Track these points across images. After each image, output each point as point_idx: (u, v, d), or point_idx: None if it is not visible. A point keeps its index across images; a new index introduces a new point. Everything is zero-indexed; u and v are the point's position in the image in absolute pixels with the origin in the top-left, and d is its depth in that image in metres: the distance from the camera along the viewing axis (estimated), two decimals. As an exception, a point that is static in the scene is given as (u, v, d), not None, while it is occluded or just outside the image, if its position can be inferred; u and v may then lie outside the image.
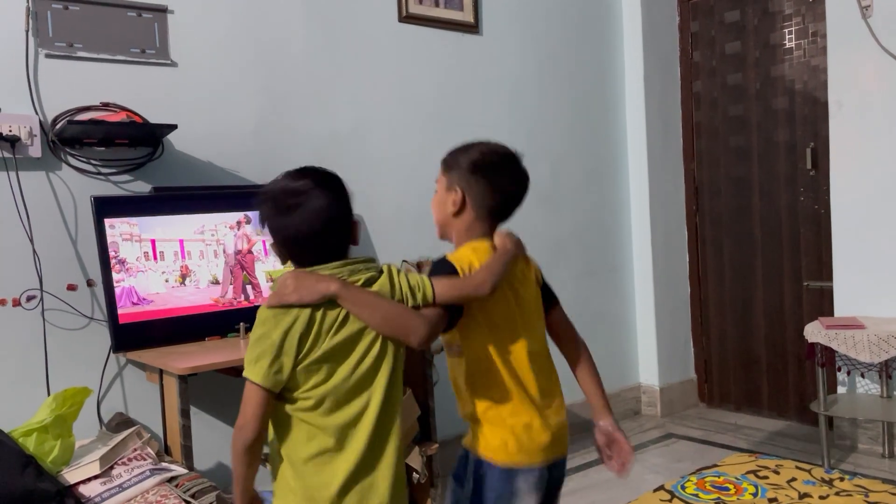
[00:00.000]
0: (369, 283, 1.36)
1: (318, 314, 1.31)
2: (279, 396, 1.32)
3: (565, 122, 3.64)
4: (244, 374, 1.31)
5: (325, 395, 1.32)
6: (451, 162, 1.60)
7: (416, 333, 1.34)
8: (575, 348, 1.63)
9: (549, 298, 1.62)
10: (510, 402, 1.47)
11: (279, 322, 1.30)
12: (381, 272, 1.39)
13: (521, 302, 1.53)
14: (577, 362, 1.63)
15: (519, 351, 1.50)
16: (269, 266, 2.59)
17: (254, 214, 2.58)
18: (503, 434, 1.46)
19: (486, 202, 1.54)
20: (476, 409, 1.48)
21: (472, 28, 3.32)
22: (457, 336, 1.49)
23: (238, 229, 2.54)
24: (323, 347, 1.31)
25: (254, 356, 1.30)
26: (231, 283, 2.50)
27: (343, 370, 1.33)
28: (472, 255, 1.50)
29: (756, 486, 2.43)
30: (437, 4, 3.20)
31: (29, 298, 2.28)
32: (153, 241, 2.37)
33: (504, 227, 1.59)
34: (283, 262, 1.42)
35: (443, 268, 1.47)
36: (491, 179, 1.54)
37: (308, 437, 1.32)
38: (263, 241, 2.58)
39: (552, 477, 1.51)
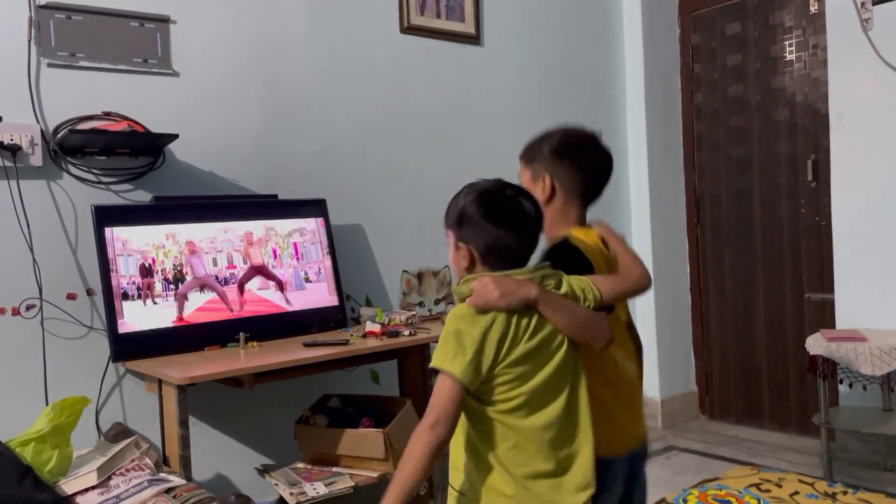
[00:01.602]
0: (557, 287, 1.37)
1: (514, 318, 1.31)
2: (475, 398, 1.32)
3: (566, 133, 3.64)
4: (437, 365, 1.29)
5: (523, 398, 1.31)
6: (531, 152, 1.63)
7: (604, 337, 1.37)
8: None
9: None
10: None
11: (476, 321, 1.29)
12: (559, 276, 1.40)
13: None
14: None
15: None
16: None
17: (262, 227, 2.58)
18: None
19: (576, 184, 1.56)
20: None
21: (474, 39, 3.33)
22: None
23: (249, 244, 2.54)
24: (520, 350, 1.31)
25: (450, 351, 1.28)
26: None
27: (540, 374, 1.32)
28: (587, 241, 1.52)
29: (758, 500, 2.41)
30: (438, 16, 3.21)
31: (28, 307, 2.27)
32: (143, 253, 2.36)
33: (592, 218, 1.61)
34: (470, 269, 1.38)
35: (576, 260, 1.46)
36: (576, 161, 1.57)
37: (513, 445, 1.32)
38: (274, 250, 2.57)
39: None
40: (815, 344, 2.92)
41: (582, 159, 1.59)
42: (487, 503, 1.33)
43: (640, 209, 3.87)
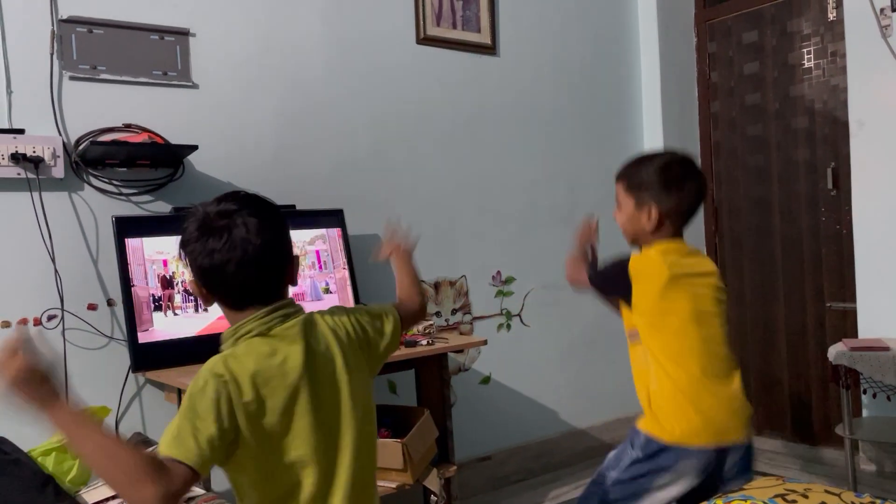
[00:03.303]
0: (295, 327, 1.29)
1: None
2: None
3: (583, 142, 3.64)
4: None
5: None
6: (635, 180, 1.77)
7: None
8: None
9: None
10: None
11: None
12: (300, 316, 1.31)
13: None
14: None
15: None
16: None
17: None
18: None
19: (682, 211, 1.75)
20: None
21: (490, 50, 3.33)
22: None
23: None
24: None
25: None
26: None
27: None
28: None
29: (782, 511, 2.38)
30: (454, 26, 3.23)
31: (50, 318, 2.29)
32: (164, 262, 2.38)
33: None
34: (207, 304, 1.30)
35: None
36: (683, 191, 1.73)
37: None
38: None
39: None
40: (838, 353, 2.88)
41: (688, 188, 1.73)
42: None
43: (657, 218, 3.85)
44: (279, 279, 1.32)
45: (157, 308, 2.33)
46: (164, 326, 2.32)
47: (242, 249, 1.23)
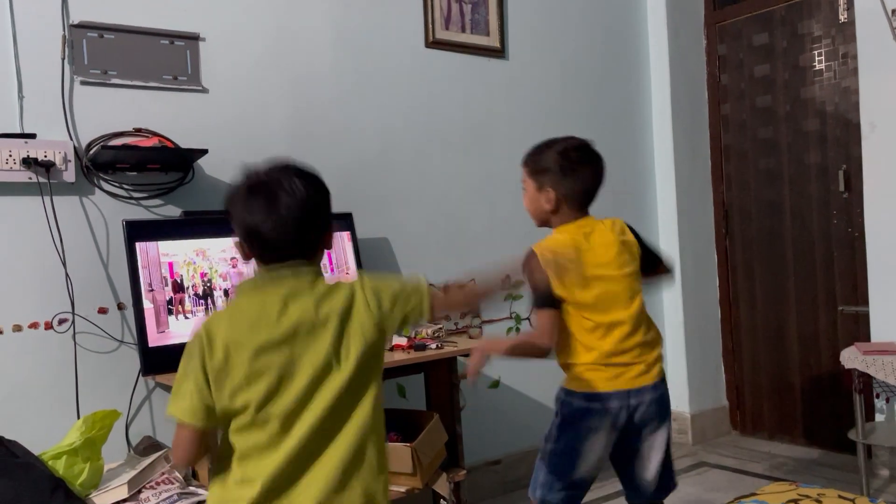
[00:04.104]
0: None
1: None
2: None
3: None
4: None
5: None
6: (535, 166, 1.92)
7: None
8: None
9: None
10: None
11: None
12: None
13: None
14: None
15: None
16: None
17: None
18: None
19: (577, 194, 1.89)
20: None
21: (499, 53, 3.33)
22: None
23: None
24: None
25: None
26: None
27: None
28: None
29: (795, 517, 2.36)
30: (463, 30, 3.23)
31: (61, 321, 2.30)
32: (170, 264, 2.38)
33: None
34: (246, 261, 1.39)
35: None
36: (578, 175, 1.88)
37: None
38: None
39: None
40: (850, 357, 2.86)
41: (583, 172, 1.88)
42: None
43: (667, 221, 3.84)
44: (315, 243, 1.38)
45: (169, 312, 2.33)
46: (175, 330, 2.32)
47: (285, 209, 1.30)
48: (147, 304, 2.30)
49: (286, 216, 1.30)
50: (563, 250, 1.85)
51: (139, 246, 2.31)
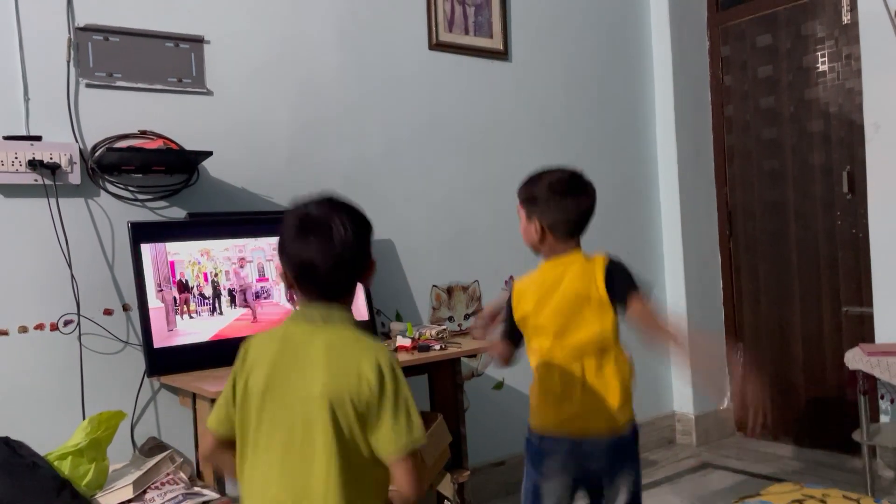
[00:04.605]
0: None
1: None
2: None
3: (595, 147, 3.63)
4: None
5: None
6: (526, 196, 1.89)
7: None
8: None
9: None
10: None
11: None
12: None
13: None
14: None
15: None
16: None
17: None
18: None
19: (562, 225, 1.85)
20: None
21: (502, 55, 3.34)
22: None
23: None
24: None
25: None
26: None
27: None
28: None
29: (799, 517, 2.35)
30: (466, 32, 3.23)
31: (66, 323, 2.31)
32: (171, 263, 2.39)
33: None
34: (289, 290, 1.43)
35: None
36: (561, 207, 1.84)
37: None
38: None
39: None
40: (855, 359, 2.85)
41: (568, 204, 1.85)
42: None
43: (671, 223, 3.84)
44: (355, 281, 1.41)
45: (175, 312, 2.34)
46: (182, 329, 2.33)
47: (341, 248, 1.32)
48: (157, 304, 2.31)
49: (341, 253, 1.32)
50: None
51: (148, 246, 2.33)
